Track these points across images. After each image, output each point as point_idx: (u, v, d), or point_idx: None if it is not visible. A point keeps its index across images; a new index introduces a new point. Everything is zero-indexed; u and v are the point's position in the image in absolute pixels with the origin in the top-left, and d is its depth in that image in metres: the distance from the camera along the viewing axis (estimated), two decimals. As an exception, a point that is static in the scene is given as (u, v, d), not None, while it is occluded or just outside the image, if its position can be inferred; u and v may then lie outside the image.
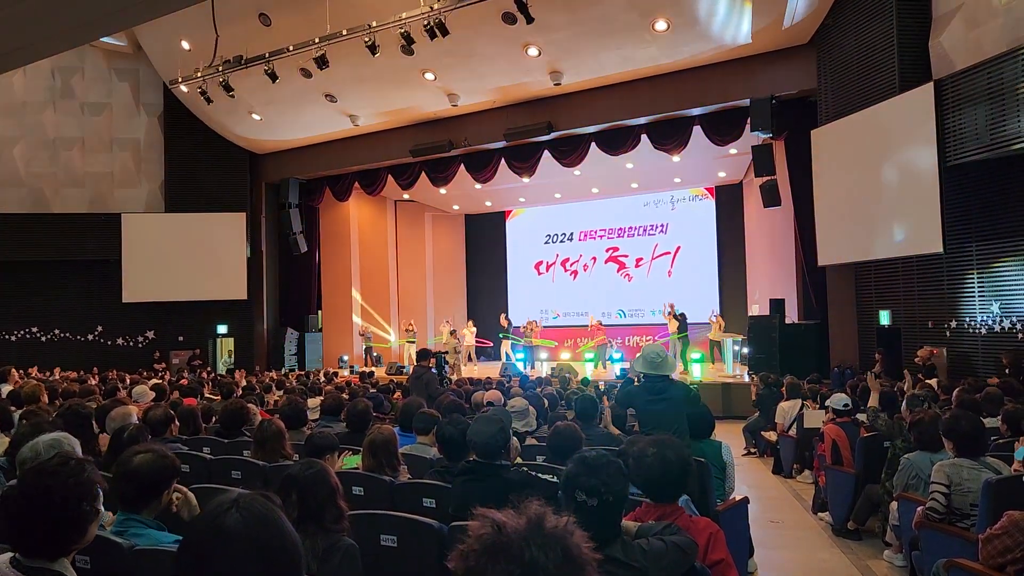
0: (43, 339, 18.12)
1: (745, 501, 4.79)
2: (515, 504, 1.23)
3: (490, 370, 16.76)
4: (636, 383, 5.21)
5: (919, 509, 4.26)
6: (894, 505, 5.00)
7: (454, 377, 15.66)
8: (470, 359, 18.51)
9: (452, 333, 18.21)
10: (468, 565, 1.14)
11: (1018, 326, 9.20)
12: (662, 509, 2.60)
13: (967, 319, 9.98)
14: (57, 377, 13.53)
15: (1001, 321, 9.43)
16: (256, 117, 16.04)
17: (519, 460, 4.04)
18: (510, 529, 1.15)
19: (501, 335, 19.66)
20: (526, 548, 1.12)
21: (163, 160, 18.05)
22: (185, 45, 14.31)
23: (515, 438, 4.38)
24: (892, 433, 5.66)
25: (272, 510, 1.34)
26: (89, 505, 1.94)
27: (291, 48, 12.44)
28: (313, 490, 2.47)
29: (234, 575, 1.24)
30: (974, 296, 9.89)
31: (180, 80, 13.91)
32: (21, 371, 14.28)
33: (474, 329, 19.73)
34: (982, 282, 9.77)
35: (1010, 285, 9.37)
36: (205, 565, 1.25)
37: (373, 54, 11.71)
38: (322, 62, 12.19)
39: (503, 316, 20.26)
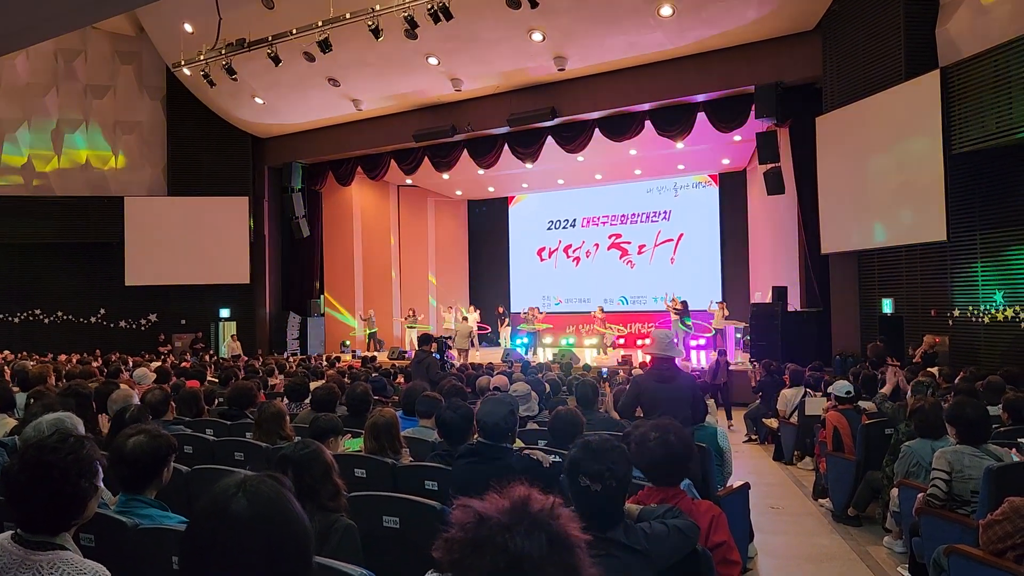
0: (46, 321, 18.17)
1: (746, 487, 4.80)
2: (499, 489, 1.20)
3: (492, 355, 16.77)
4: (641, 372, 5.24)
5: (919, 496, 4.27)
6: (894, 492, 5.02)
7: (459, 362, 15.72)
8: (472, 344, 18.48)
9: (464, 319, 18.24)
10: (453, 557, 1.12)
11: (1021, 315, 9.19)
12: (664, 493, 2.61)
13: (970, 308, 9.96)
14: (62, 360, 13.58)
15: (1004, 310, 9.42)
16: (259, 101, 15.99)
17: (520, 444, 4.05)
18: (493, 519, 1.12)
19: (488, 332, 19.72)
20: (510, 538, 1.09)
21: (166, 143, 18.04)
22: (188, 28, 14.24)
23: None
24: (898, 418, 5.65)
25: (280, 493, 1.32)
26: (88, 482, 1.94)
27: (294, 31, 12.38)
28: (308, 469, 2.47)
29: (241, 562, 1.23)
30: (977, 285, 9.87)
31: (183, 63, 13.85)
32: (24, 352, 14.36)
33: (476, 315, 19.71)
34: (985, 271, 9.75)
35: (1013, 274, 9.34)
36: (211, 552, 1.24)
37: (376, 38, 11.66)
38: (325, 46, 12.14)
39: (498, 307, 20.39)
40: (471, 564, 1.09)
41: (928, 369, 8.79)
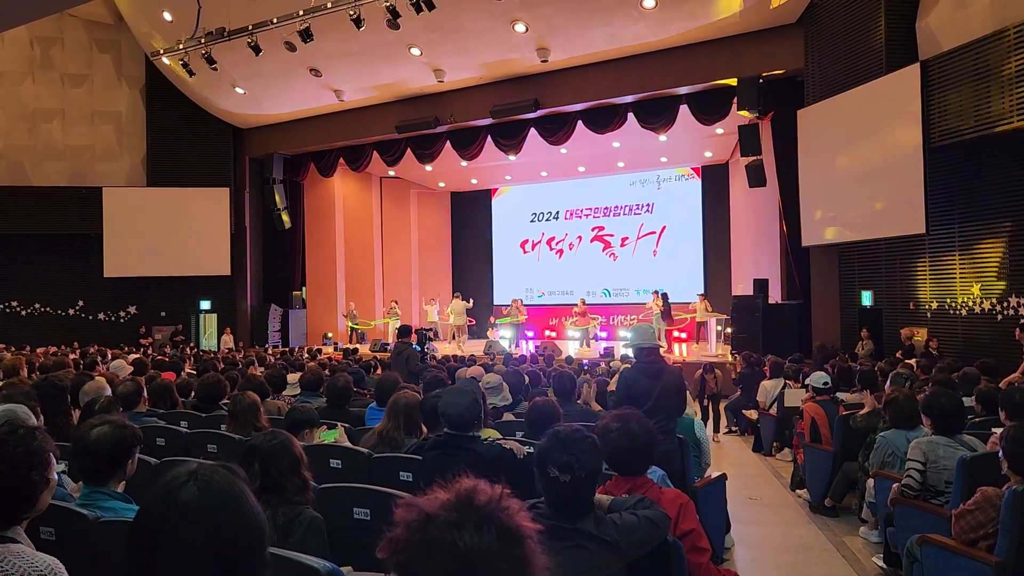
0: (23, 313, 17.95)
1: (722, 477, 4.82)
2: (443, 483, 1.16)
3: (475, 348, 16.74)
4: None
5: (894, 486, 4.29)
6: (870, 482, 5.04)
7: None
8: (454, 338, 18.40)
9: (457, 295, 18.29)
10: (399, 559, 1.06)
11: (998, 308, 9.27)
12: (631, 482, 2.60)
13: (947, 300, 10.04)
14: (39, 353, 13.42)
15: (981, 302, 9.50)
16: (240, 91, 15.83)
17: (496, 434, 4.03)
18: (440, 516, 1.07)
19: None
20: (458, 536, 1.05)
21: (145, 133, 17.84)
22: (167, 16, 14.05)
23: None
24: (870, 425, 5.62)
25: (233, 483, 1.29)
26: (38, 474, 1.89)
27: (275, 20, 12.24)
28: (276, 460, 2.43)
29: (189, 551, 1.20)
30: (955, 277, 9.95)
31: (162, 52, 13.67)
32: (0, 345, 14.18)
33: (469, 303, 19.40)
34: (963, 263, 9.83)
35: (991, 267, 9.42)
36: (158, 541, 1.21)
37: (358, 28, 11.55)
38: (306, 35, 12.00)
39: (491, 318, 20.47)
40: (420, 566, 1.04)
41: (906, 361, 8.86)
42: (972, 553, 3.26)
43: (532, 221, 22.42)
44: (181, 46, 13.11)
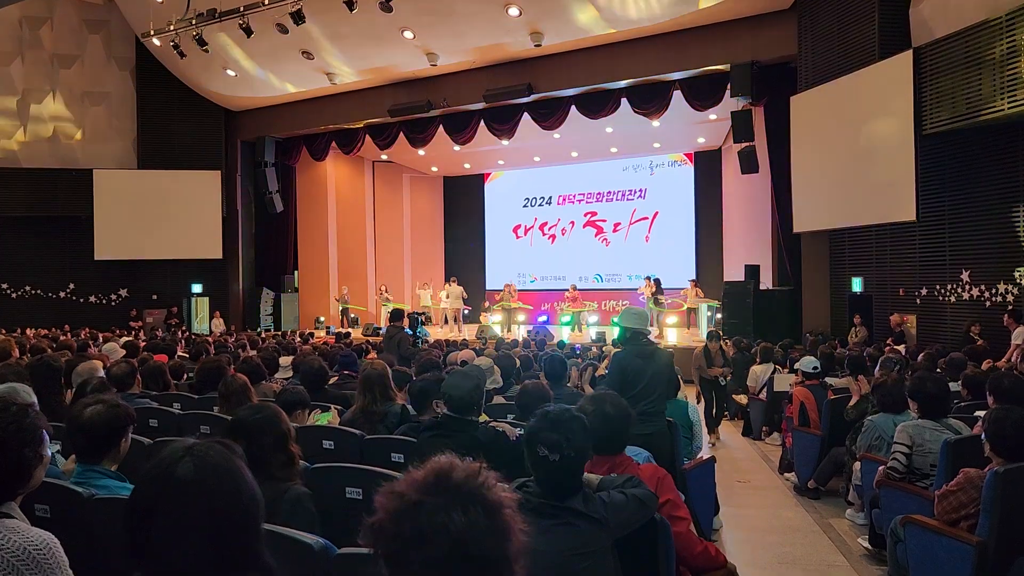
0: (13, 296, 17.86)
1: (711, 460, 4.87)
2: (413, 464, 1.16)
3: (468, 333, 16.78)
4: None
5: (880, 468, 4.34)
6: (857, 465, 5.10)
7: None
8: (445, 322, 18.41)
9: (454, 278, 18.36)
10: (389, 548, 1.06)
11: (986, 294, 9.34)
12: (610, 461, 2.65)
13: (937, 286, 10.11)
14: (29, 334, 13.39)
15: (970, 289, 9.56)
16: (231, 73, 15.73)
17: (485, 417, 4.07)
18: (426, 504, 1.07)
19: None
20: (448, 519, 1.05)
21: (135, 115, 17.72)
22: (157, -3, 13.94)
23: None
24: (860, 412, 5.66)
25: (230, 459, 1.30)
26: (32, 451, 1.91)
27: (266, 2, 12.17)
28: (260, 435, 2.42)
29: (185, 526, 1.20)
30: (944, 264, 10.01)
31: (152, 33, 13.57)
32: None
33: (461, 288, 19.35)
34: (953, 250, 9.88)
35: (980, 253, 9.48)
36: (154, 516, 1.21)
37: (351, 10, 11.49)
38: (298, 17, 11.94)
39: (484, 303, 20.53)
40: (414, 555, 1.05)
41: (895, 347, 8.94)
42: (954, 533, 3.32)
43: (525, 206, 22.36)
44: (172, 27, 13.02)
